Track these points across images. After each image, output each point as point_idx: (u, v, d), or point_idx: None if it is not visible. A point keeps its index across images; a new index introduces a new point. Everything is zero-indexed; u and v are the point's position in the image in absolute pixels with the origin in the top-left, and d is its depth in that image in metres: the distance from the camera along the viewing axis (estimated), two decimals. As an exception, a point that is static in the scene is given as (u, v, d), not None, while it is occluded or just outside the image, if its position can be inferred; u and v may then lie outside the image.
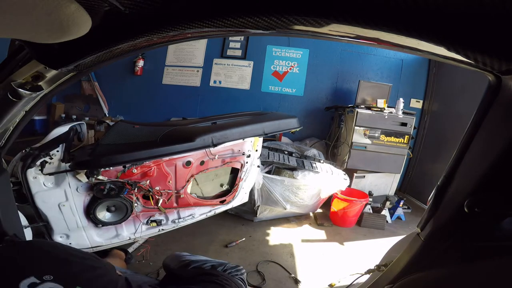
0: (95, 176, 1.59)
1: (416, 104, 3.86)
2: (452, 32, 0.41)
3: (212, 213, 2.15)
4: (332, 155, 3.57)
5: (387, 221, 2.94)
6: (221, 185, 2.18)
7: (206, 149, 1.84)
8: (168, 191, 1.86)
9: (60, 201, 1.63)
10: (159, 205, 1.84)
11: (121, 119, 3.84)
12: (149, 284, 0.99)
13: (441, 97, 3.64)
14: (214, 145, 1.78)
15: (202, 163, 1.93)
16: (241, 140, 1.98)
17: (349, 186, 3.02)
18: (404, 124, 3.17)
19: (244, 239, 2.44)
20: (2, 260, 0.67)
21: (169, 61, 4.12)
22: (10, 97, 0.86)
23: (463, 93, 3.14)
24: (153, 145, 1.68)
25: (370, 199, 2.89)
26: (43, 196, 1.58)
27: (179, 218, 2.01)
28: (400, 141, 3.18)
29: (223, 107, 3.86)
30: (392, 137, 3.17)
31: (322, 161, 3.00)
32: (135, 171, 1.72)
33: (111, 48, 0.66)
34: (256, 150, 2.20)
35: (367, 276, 1.08)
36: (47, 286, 0.62)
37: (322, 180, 2.71)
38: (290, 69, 3.98)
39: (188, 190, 1.95)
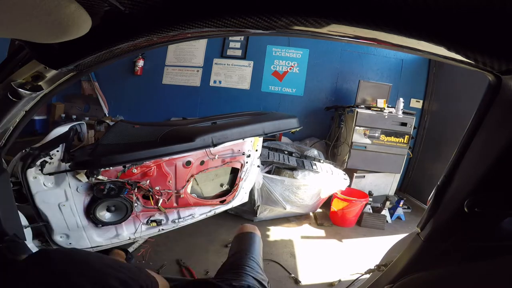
0: (95, 176, 1.59)
1: (416, 104, 3.86)
2: (452, 32, 0.41)
3: (212, 213, 2.15)
4: (332, 155, 3.57)
5: (387, 221, 2.94)
6: (221, 185, 2.18)
7: (206, 149, 1.84)
8: (168, 191, 1.86)
9: (60, 201, 1.63)
10: (159, 205, 1.84)
11: (121, 119, 3.83)
12: None
13: (441, 97, 3.64)
14: (214, 145, 1.78)
15: (202, 163, 1.92)
16: (241, 140, 1.98)
17: (349, 186, 3.02)
18: (404, 124, 3.17)
19: (244, 239, 2.43)
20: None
21: (169, 61, 4.12)
22: (10, 97, 0.85)
23: (463, 93, 3.14)
24: (153, 145, 1.68)
25: (370, 199, 2.89)
26: (43, 196, 1.58)
27: (179, 218, 2.01)
28: (400, 141, 3.18)
29: (223, 107, 3.87)
30: (392, 137, 3.18)
31: (322, 161, 3.00)
32: (135, 171, 1.72)
33: (111, 48, 0.66)
34: (256, 150, 2.19)
35: (367, 275, 1.08)
36: None
37: (322, 180, 2.71)
38: (290, 69, 3.98)
39: (188, 190, 1.95)
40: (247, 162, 2.13)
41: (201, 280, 1.03)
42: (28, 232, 1.56)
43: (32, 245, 1.55)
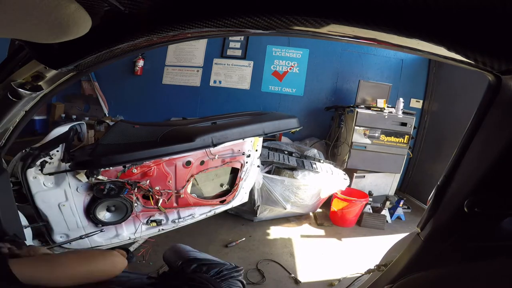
0: (95, 176, 1.59)
1: (416, 104, 3.86)
2: (452, 32, 0.41)
3: (212, 213, 2.15)
4: (332, 155, 3.57)
5: (387, 221, 2.94)
6: (221, 185, 2.18)
7: (206, 149, 1.84)
8: (168, 191, 1.86)
9: (60, 201, 1.63)
10: (159, 205, 1.84)
11: (121, 119, 3.84)
12: None
13: (441, 97, 3.64)
14: (214, 145, 1.78)
15: (202, 163, 1.92)
16: (241, 140, 1.98)
17: (349, 186, 3.02)
18: (404, 124, 3.17)
19: (244, 239, 2.44)
20: None
21: (169, 61, 4.12)
22: (10, 97, 0.85)
23: (463, 93, 3.14)
24: (153, 145, 1.68)
25: (370, 199, 2.89)
26: (43, 196, 1.58)
27: (179, 218, 2.01)
28: (400, 141, 3.18)
29: (223, 107, 3.86)
30: (392, 137, 3.17)
31: (322, 161, 3.00)
32: (135, 171, 1.72)
33: (111, 48, 0.66)
34: (256, 150, 2.20)
35: (367, 275, 1.08)
36: None
37: (322, 180, 2.71)
38: (290, 69, 3.98)
39: (188, 190, 1.95)
40: (247, 162, 2.13)
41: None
42: (28, 232, 1.56)
43: (32, 245, 1.55)
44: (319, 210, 3.08)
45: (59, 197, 1.63)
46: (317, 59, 3.94)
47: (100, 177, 1.63)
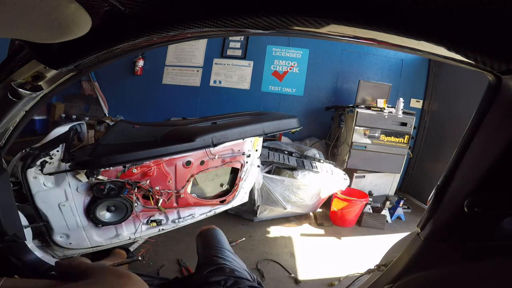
0: (95, 176, 1.59)
1: (416, 104, 3.86)
2: (452, 32, 0.41)
3: (212, 213, 2.15)
4: (332, 155, 3.57)
5: (387, 221, 2.94)
6: (221, 185, 2.18)
7: (206, 149, 1.84)
8: (168, 191, 1.86)
9: (60, 201, 1.63)
10: (159, 205, 1.84)
11: (121, 119, 3.84)
12: None
13: (441, 97, 3.65)
14: (214, 145, 1.78)
15: (202, 163, 1.92)
16: (241, 140, 1.98)
17: (349, 186, 3.02)
18: (404, 124, 3.17)
19: (244, 239, 2.44)
20: None
21: (169, 61, 4.12)
22: (10, 97, 0.85)
23: (463, 93, 3.14)
24: (153, 145, 1.68)
25: (370, 199, 2.89)
26: (43, 196, 1.58)
27: (179, 218, 2.01)
28: (400, 141, 3.18)
29: (223, 107, 3.87)
30: (392, 137, 3.18)
31: (322, 161, 3.00)
32: (135, 171, 1.72)
33: (111, 48, 0.66)
34: (256, 150, 2.19)
35: (367, 275, 1.08)
36: None
37: (322, 180, 2.71)
38: (290, 69, 3.98)
39: (188, 190, 1.95)
40: (247, 162, 2.13)
41: (182, 279, 1.03)
42: (28, 232, 1.56)
43: (32, 245, 1.55)
44: (319, 210, 3.08)
45: (59, 197, 1.63)
46: (317, 59, 3.94)
47: (100, 177, 1.62)
